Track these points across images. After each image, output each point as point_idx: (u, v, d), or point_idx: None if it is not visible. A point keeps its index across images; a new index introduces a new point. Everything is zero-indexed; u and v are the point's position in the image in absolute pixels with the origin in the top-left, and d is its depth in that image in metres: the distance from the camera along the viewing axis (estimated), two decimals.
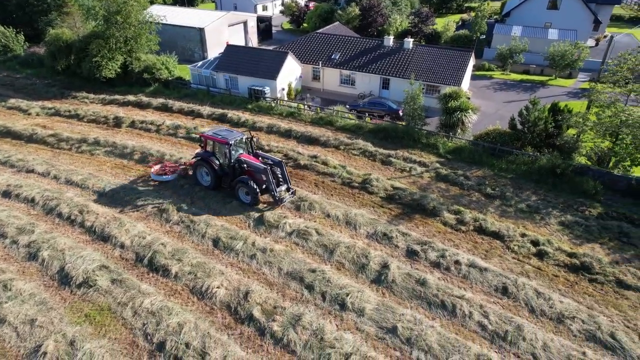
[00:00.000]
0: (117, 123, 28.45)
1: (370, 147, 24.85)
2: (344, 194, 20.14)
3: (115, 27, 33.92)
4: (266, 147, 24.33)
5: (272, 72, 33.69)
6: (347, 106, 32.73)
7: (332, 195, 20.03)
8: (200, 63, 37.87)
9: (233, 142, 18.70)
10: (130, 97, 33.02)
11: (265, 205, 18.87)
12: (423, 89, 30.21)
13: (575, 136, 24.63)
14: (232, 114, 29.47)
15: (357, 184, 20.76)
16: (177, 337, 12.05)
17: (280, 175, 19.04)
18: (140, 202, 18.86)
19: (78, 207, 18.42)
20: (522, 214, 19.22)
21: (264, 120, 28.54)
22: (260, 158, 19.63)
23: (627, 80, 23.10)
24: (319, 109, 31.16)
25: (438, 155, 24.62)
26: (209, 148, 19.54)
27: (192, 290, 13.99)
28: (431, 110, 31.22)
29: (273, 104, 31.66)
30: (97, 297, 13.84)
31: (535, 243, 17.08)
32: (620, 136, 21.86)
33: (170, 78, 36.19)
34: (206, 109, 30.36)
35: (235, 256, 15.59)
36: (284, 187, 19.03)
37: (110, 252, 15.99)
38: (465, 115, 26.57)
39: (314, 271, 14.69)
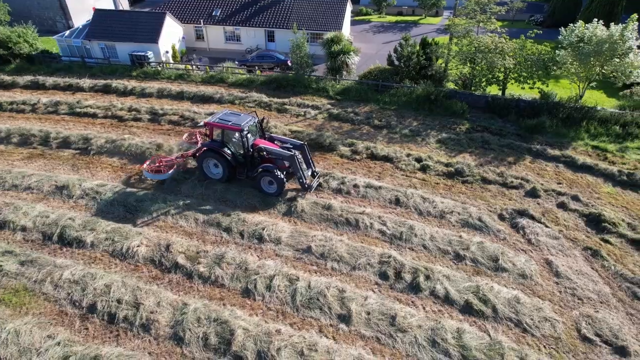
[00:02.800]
0: None
1: (264, 98, 25.71)
2: None
3: None
4: (160, 112, 23.93)
5: (152, 36, 32.19)
6: (236, 62, 32.79)
7: None
8: (67, 32, 34.61)
9: (247, 128, 16.69)
10: None
11: (293, 192, 17.34)
12: (307, 37, 31.35)
13: (443, 65, 27.95)
14: (116, 83, 28.01)
15: None
16: (107, 297, 12.43)
17: (302, 160, 17.10)
18: (34, 183, 17.84)
19: None
20: (406, 138, 21.92)
21: (153, 86, 27.65)
22: (276, 142, 17.83)
23: (475, 13, 26.59)
24: (208, 68, 30.84)
25: (328, 97, 26.39)
26: (216, 136, 17.30)
27: (113, 254, 14.20)
28: (317, 57, 32.69)
29: (159, 68, 30.57)
30: (8, 281, 13.37)
31: (418, 160, 19.83)
32: (476, 61, 25.39)
33: (33, 52, 32.62)
34: (86, 82, 28.36)
35: (150, 216, 15.91)
36: (309, 172, 17.47)
37: (11, 237, 15.23)
38: (348, 58, 28.45)
39: (229, 215, 15.71)
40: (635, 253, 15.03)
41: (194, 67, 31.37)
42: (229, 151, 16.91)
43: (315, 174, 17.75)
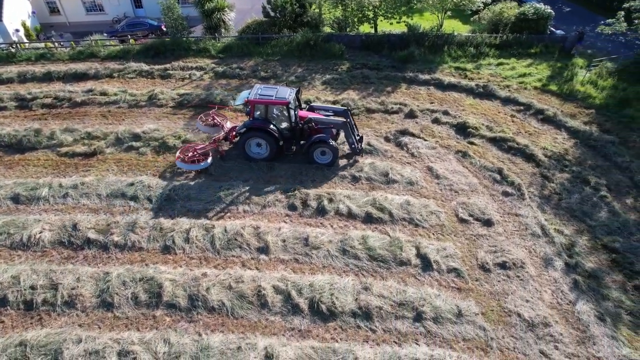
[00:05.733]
0: None
1: (144, 66, 24.66)
2: (134, 115, 20.33)
3: None
4: (28, 96, 21.87)
5: None
6: (105, 34, 30.50)
7: (123, 119, 20.04)
8: None
9: (292, 100, 15.95)
10: None
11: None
12: None
13: (317, 11, 28.93)
14: None
15: (144, 103, 21.09)
16: (17, 287, 11.96)
17: None
18: None
19: None
20: (294, 84, 22.91)
21: (11, 70, 24.82)
22: (316, 111, 17.47)
23: None
24: (73, 43, 28.30)
25: (211, 57, 26.14)
26: (257, 114, 16.20)
27: (12, 246, 13.42)
28: (192, 18, 31.65)
29: (13, 50, 27.31)
30: None
31: (307, 102, 21.01)
32: (346, 3, 26.78)
33: None
34: None
35: (46, 202, 15.13)
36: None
37: None
38: (223, 15, 28.07)
39: (132, 184, 15.59)
40: (493, 148, 18.13)
41: (56, 44, 28.55)
42: (275, 127, 16.18)
43: (360, 137, 17.47)
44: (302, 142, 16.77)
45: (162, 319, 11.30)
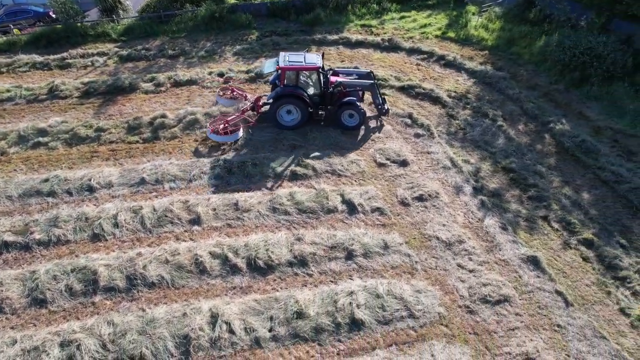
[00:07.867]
0: None
1: (37, 58, 22.81)
2: (35, 110, 18.89)
3: None
4: None
5: None
6: None
7: (23, 117, 18.66)
8: None
9: (321, 65, 16.36)
10: None
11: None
12: None
13: None
14: None
15: (44, 96, 19.68)
16: None
17: None
18: None
19: None
20: (204, 59, 22.56)
21: None
22: (340, 75, 17.89)
23: None
24: None
25: (113, 41, 24.80)
26: (287, 81, 16.33)
27: None
28: (85, 2, 29.46)
29: None
30: None
31: (221, 75, 20.89)
32: None
33: None
34: None
35: None
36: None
37: None
38: None
39: (47, 180, 14.82)
40: (403, 96, 19.37)
41: None
42: (306, 93, 16.43)
43: (383, 98, 17.83)
44: (329, 106, 17.12)
45: (102, 303, 11.25)
